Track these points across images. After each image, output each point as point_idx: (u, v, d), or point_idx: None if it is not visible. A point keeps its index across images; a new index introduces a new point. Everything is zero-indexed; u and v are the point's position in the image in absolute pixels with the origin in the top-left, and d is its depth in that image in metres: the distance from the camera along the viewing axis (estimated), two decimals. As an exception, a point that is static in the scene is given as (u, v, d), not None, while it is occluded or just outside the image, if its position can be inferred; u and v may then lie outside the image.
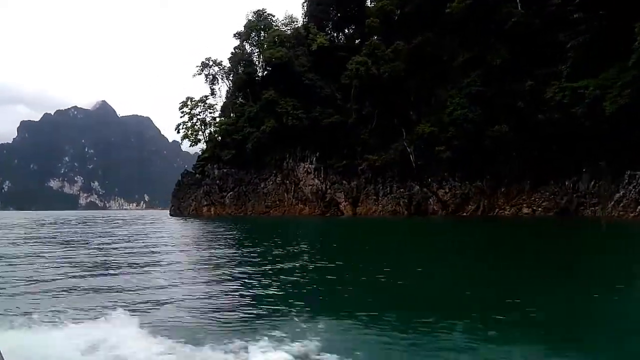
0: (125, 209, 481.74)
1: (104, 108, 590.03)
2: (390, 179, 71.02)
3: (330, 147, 73.41)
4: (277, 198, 74.48)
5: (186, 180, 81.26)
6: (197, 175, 78.73)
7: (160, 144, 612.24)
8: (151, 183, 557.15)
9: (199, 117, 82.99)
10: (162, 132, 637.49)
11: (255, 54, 77.68)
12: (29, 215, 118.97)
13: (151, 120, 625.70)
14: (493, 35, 57.70)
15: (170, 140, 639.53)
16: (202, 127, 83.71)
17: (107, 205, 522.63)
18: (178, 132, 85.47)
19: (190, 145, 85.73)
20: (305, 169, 74.37)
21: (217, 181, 75.91)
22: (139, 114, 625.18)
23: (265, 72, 74.28)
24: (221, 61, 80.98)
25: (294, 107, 72.09)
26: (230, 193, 75.63)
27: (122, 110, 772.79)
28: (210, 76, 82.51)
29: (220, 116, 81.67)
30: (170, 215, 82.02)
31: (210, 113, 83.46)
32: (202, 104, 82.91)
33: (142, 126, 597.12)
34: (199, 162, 79.27)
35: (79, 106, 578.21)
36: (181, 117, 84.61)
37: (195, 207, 77.35)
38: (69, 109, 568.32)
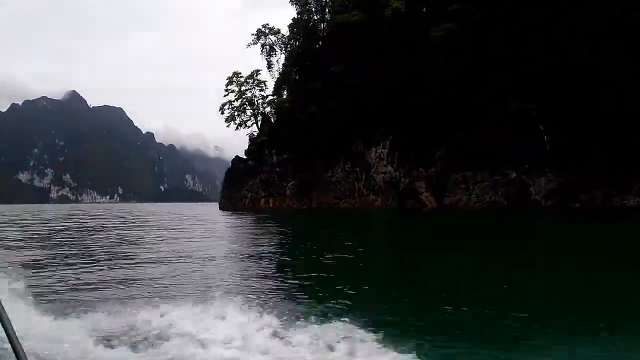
0: (98, 202, 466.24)
1: (75, 98, 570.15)
2: (480, 165, 61.64)
3: (406, 128, 63.60)
4: (347, 188, 64.31)
5: (238, 168, 69.97)
6: (250, 162, 67.73)
7: (134, 135, 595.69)
8: (125, 176, 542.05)
9: (246, 95, 72.03)
10: (136, 124, 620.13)
11: (316, 19, 66.64)
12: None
13: (124, 111, 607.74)
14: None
15: (144, 131, 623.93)
16: (250, 106, 72.78)
17: (80, 198, 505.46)
18: (222, 112, 74.33)
19: (237, 129, 74.80)
20: (377, 154, 64.42)
21: (277, 169, 65.19)
22: (111, 105, 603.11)
23: (331, 42, 63.73)
24: (279, 29, 70.27)
25: (366, 82, 62.03)
26: (292, 182, 65.04)
27: (93, 101, 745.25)
28: (267, 47, 71.54)
29: (274, 94, 70.88)
30: (220, 209, 70.92)
31: (260, 91, 72.79)
32: (252, 81, 72.11)
33: (114, 117, 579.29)
34: (253, 147, 68.20)
35: (48, 96, 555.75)
36: (225, 95, 73.58)
37: (252, 198, 66.42)
38: (37, 99, 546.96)
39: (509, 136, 60.11)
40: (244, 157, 70.85)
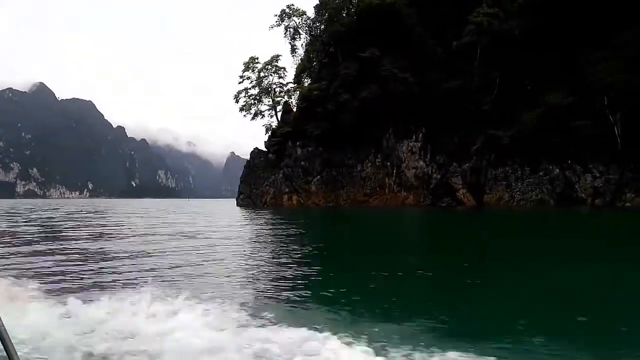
0: (67, 198, 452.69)
1: (42, 90, 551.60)
2: (519, 160, 57.81)
3: (441, 120, 59.31)
4: (377, 184, 59.53)
5: (257, 162, 64.18)
6: (271, 155, 62.14)
7: (104, 129, 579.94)
8: (95, 170, 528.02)
9: (265, 82, 66.29)
10: (106, 117, 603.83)
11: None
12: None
13: (94, 104, 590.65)
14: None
15: (114, 125, 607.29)
16: (267, 95, 67.05)
17: (48, 193, 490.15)
18: (237, 101, 68.43)
19: (252, 119, 68.97)
20: (409, 148, 59.89)
21: (302, 162, 59.83)
22: (80, 98, 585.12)
23: (363, 26, 58.65)
24: (304, 11, 64.47)
25: (400, 69, 57.47)
26: (318, 177, 59.81)
27: (61, 94, 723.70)
28: (291, 29, 65.76)
29: (295, 81, 65.36)
30: (238, 205, 65.04)
31: (278, 78, 67.14)
32: (271, 67, 66.32)
33: (84, 110, 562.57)
34: (275, 138, 62.51)
35: (14, 88, 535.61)
36: (240, 82, 67.72)
37: (274, 195, 60.83)
38: (3, 90, 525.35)
39: (547, 130, 56.47)
40: (264, 149, 65.26)
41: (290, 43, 66.09)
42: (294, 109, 63.16)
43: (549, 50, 57.50)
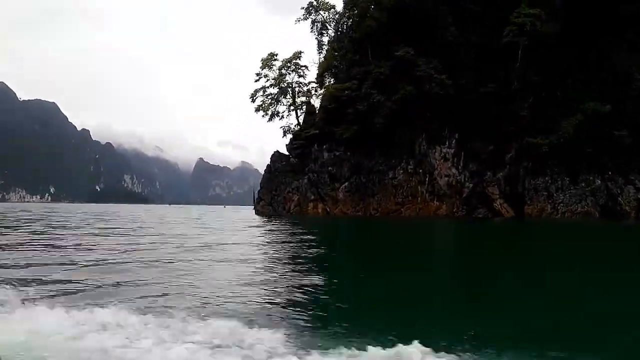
0: (28, 202, 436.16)
1: (3, 91, 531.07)
2: (557, 170, 55.07)
3: (475, 126, 56.15)
4: (410, 192, 55.69)
5: (279, 166, 59.18)
6: (293, 159, 57.42)
7: (68, 131, 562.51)
8: (57, 174, 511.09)
9: (285, 81, 61.60)
10: (70, 120, 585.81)
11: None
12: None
13: (57, 106, 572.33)
14: None
15: (79, 128, 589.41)
16: (283, 95, 62.42)
17: (7, 197, 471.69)
18: (253, 100, 63.51)
19: (269, 120, 64.12)
20: (442, 154, 56.41)
21: (329, 168, 55.41)
22: (43, 99, 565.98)
23: (393, 22, 54.92)
24: (333, 5, 60.03)
25: (435, 70, 54.14)
26: (346, 184, 55.50)
27: (23, 94, 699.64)
28: (318, 23, 61.25)
29: (317, 80, 60.98)
30: (257, 213, 59.90)
31: (299, 77, 62.58)
32: (291, 64, 61.73)
33: (47, 112, 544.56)
34: (298, 141, 57.78)
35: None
36: (257, 80, 62.91)
37: (299, 202, 56.12)
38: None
39: (586, 138, 53.99)
40: (286, 152, 60.53)
41: (317, 39, 61.92)
42: (317, 110, 58.81)
43: (590, 56, 55.23)
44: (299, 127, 62.02)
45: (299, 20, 61.15)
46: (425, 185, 56.68)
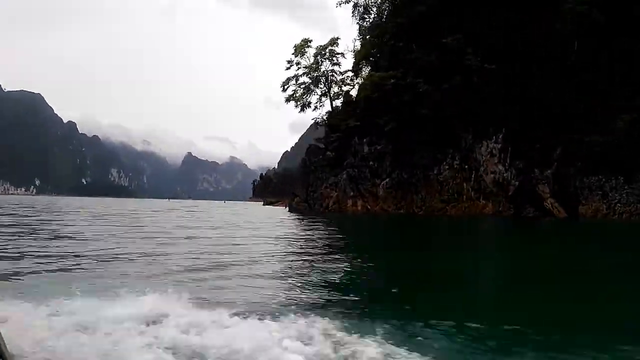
0: (12, 194, 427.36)
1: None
2: (610, 168, 51.69)
3: (523, 120, 52.62)
4: (455, 190, 51.96)
5: (316, 160, 54.73)
6: (330, 152, 53.20)
7: (54, 124, 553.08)
8: (43, 167, 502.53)
9: (320, 69, 57.23)
10: (56, 111, 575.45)
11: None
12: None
13: (43, 97, 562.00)
14: None
15: (65, 120, 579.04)
16: (318, 84, 58.04)
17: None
18: (284, 90, 59.05)
19: (301, 111, 59.62)
20: (488, 150, 52.76)
21: (370, 162, 51.30)
22: (28, 90, 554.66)
23: (445, 7, 51.09)
24: (378, -14, 55.42)
25: (486, 60, 50.47)
26: (387, 180, 51.53)
27: (8, 85, 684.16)
28: (361, 7, 56.80)
29: (355, 69, 56.73)
30: (291, 210, 55.61)
31: (332, 65, 58.18)
32: (326, 52, 57.32)
33: (32, 103, 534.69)
34: (335, 134, 53.43)
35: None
36: (288, 68, 58.43)
37: (337, 199, 51.92)
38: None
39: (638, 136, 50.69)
40: (322, 145, 56.28)
41: (358, 23, 57.58)
42: (357, 101, 54.63)
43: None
44: (332, 118, 57.88)
45: (340, 4, 56.85)
46: (471, 182, 53.03)
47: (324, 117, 58.88)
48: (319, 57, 57.46)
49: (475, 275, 12.42)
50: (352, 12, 57.37)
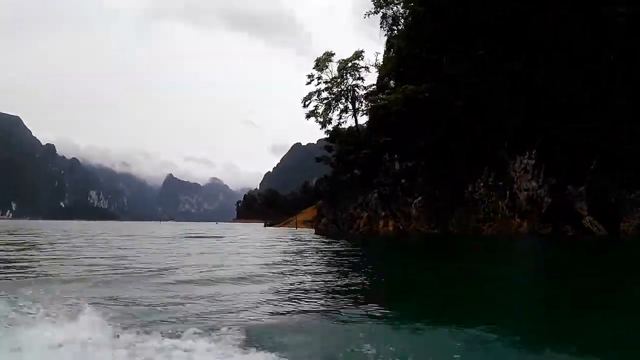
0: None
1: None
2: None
3: (556, 134, 50.69)
4: (491, 208, 49.61)
5: (343, 179, 51.59)
6: (357, 171, 50.34)
7: (32, 146, 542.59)
8: (20, 190, 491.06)
9: (342, 84, 54.63)
10: (34, 134, 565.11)
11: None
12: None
13: (21, 120, 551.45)
14: None
15: (43, 142, 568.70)
16: (337, 100, 55.44)
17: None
18: (305, 105, 56.18)
19: (322, 128, 56.72)
20: (522, 166, 50.64)
21: (402, 180, 48.69)
22: (5, 112, 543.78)
23: (471, 17, 49.19)
24: (401, -1, 53.01)
25: (520, 72, 48.66)
26: (420, 199, 49.00)
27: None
28: (389, 18, 54.33)
29: (380, 84, 54.29)
30: (318, 233, 52.43)
31: (355, 79, 55.61)
32: (350, 65, 54.75)
33: (9, 126, 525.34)
34: (353, 150, 50.50)
35: None
36: (308, 82, 55.63)
37: (369, 220, 49.06)
38: None
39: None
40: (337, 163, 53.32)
41: (387, 35, 55.17)
42: (385, 116, 52.09)
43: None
44: (357, 134, 55.24)
45: (368, 15, 54.42)
46: (506, 200, 50.74)
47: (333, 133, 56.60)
48: (343, 72, 54.97)
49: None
50: (380, 24, 55.14)
